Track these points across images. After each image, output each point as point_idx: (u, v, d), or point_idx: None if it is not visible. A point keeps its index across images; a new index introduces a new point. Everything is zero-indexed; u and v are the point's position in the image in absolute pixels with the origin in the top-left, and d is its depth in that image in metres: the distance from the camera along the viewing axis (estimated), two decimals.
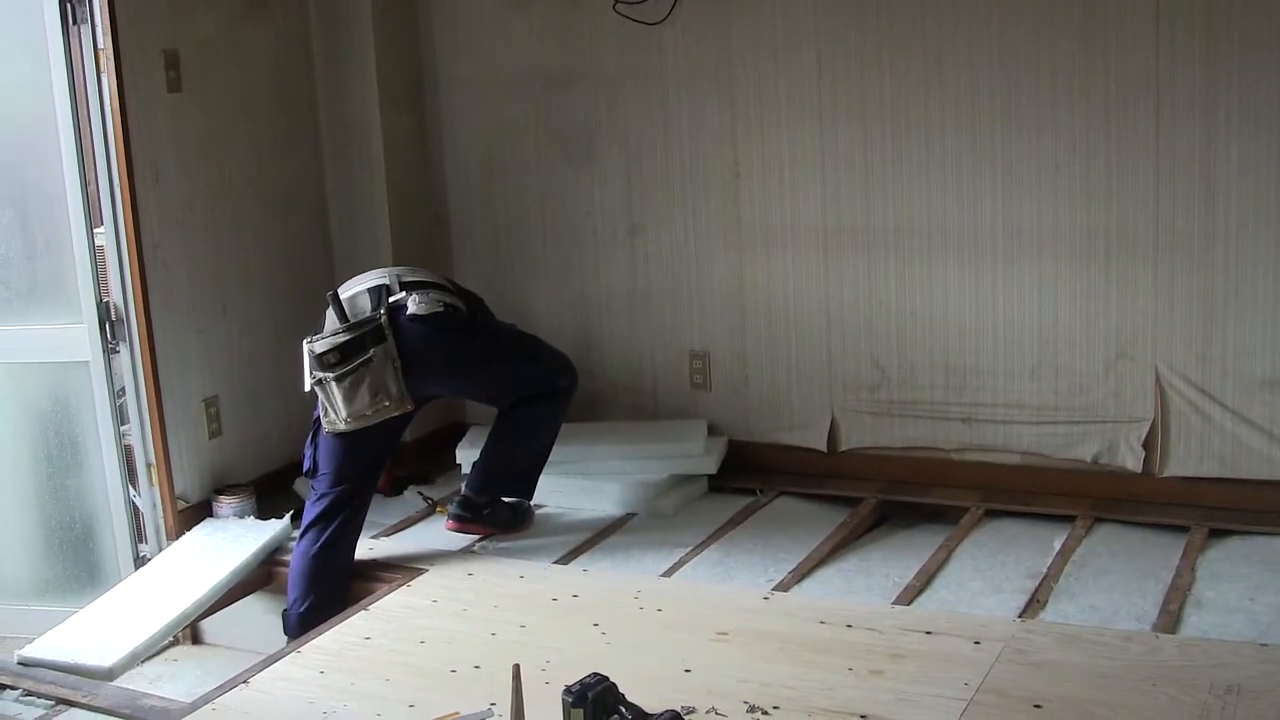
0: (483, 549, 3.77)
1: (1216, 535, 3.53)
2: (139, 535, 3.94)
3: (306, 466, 3.66)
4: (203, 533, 3.92)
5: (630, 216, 4.37)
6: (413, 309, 3.52)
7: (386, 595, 3.41)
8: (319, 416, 3.57)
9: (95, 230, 3.79)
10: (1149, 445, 3.77)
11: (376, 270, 3.72)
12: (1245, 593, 3.18)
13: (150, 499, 3.94)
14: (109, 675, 3.19)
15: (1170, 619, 3.05)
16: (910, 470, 4.08)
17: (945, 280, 3.94)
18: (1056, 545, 3.55)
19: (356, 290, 3.60)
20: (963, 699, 2.65)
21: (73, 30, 3.67)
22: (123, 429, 3.90)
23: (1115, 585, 3.28)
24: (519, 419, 3.77)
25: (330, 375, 3.44)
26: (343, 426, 3.48)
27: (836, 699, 2.69)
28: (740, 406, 4.31)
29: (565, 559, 3.67)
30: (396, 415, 3.52)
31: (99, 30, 3.67)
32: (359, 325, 3.48)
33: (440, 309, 3.56)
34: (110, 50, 3.67)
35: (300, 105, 4.42)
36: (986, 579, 3.39)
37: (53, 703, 3.09)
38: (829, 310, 4.12)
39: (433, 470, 4.44)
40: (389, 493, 4.20)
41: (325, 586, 3.52)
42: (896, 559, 3.57)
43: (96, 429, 3.87)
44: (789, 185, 4.10)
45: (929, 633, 2.99)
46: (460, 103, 4.57)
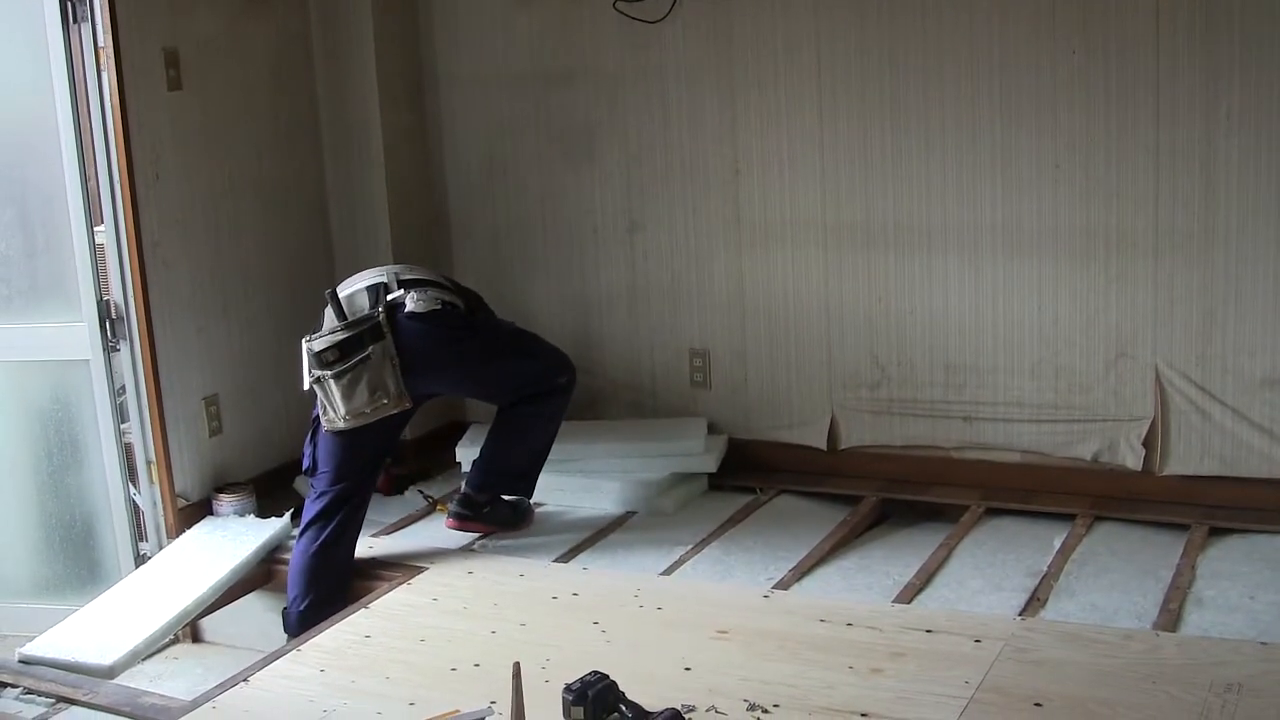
0: (483, 547, 3.77)
1: (1217, 534, 3.53)
2: (139, 533, 3.94)
3: (306, 464, 3.66)
4: (203, 531, 3.92)
5: (630, 214, 4.37)
6: (411, 307, 3.52)
7: (387, 593, 3.41)
8: (318, 415, 3.57)
9: (95, 229, 3.79)
10: (1149, 444, 3.76)
11: (375, 268, 3.71)
12: (1245, 591, 3.18)
13: (150, 497, 3.94)
14: (109, 673, 3.19)
15: (1170, 617, 3.05)
16: (910, 468, 4.08)
17: (945, 278, 3.94)
18: (1057, 544, 3.55)
19: (355, 289, 3.60)
20: (963, 697, 2.65)
21: (73, 28, 3.68)
22: (123, 427, 3.90)
23: (1115, 584, 3.28)
24: (518, 417, 3.77)
25: (329, 373, 3.44)
26: (341, 424, 3.48)
27: (837, 697, 2.69)
28: (740, 405, 4.31)
29: (565, 557, 3.67)
30: (395, 413, 3.52)
31: (99, 28, 3.67)
32: (357, 323, 3.47)
33: (438, 306, 3.56)
34: (110, 48, 3.67)
35: (301, 103, 4.42)
36: (987, 577, 3.39)
37: (53, 701, 3.09)
38: (829, 308, 4.12)
39: (433, 468, 4.44)
40: (390, 492, 4.20)
41: (325, 584, 3.52)
42: (897, 557, 3.57)
43: (97, 427, 3.87)
44: (789, 183, 4.10)
45: (929, 631, 2.99)
46: (460, 101, 4.56)
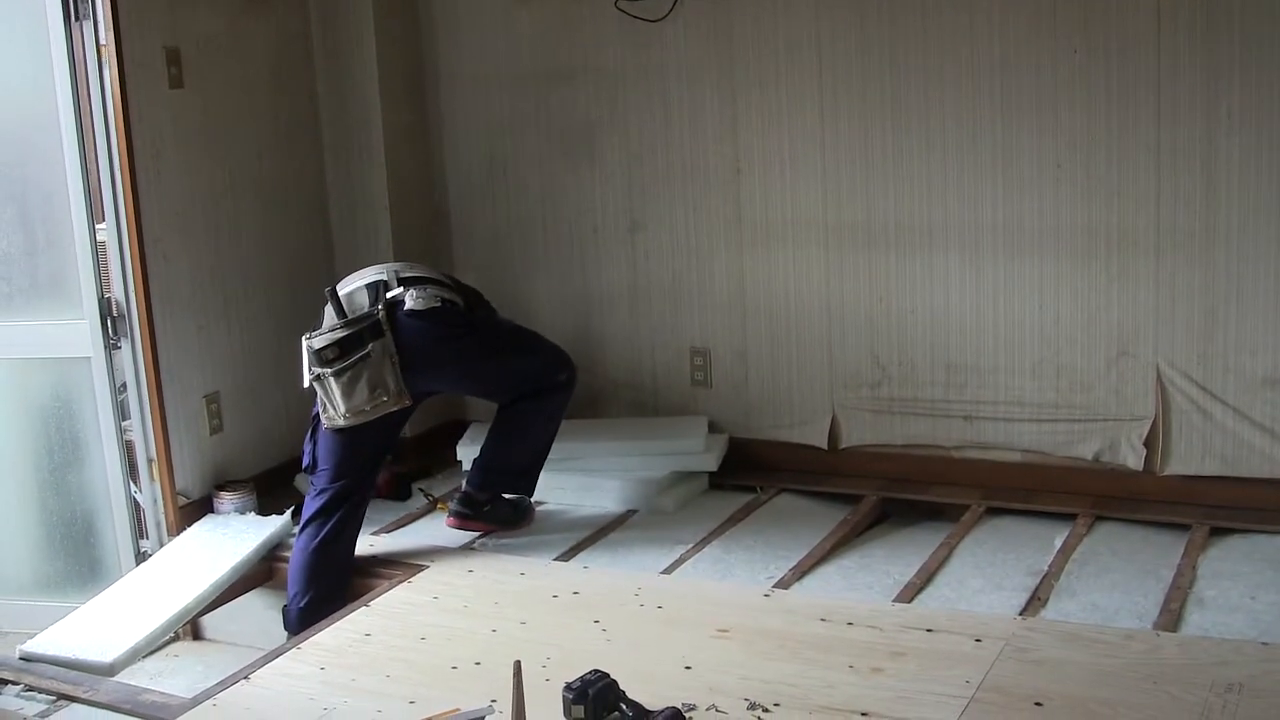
0: (483, 546, 3.77)
1: (1218, 534, 3.53)
2: (140, 531, 3.94)
3: (306, 462, 3.66)
4: (203, 529, 3.92)
5: (631, 213, 4.37)
6: (410, 304, 3.52)
7: (387, 591, 3.41)
8: (318, 412, 3.57)
9: (97, 226, 3.79)
10: (1150, 443, 3.76)
11: (375, 266, 3.71)
12: (1246, 591, 3.18)
13: (151, 495, 3.94)
14: (110, 671, 3.19)
15: (1171, 617, 3.05)
16: (911, 468, 4.08)
17: (946, 277, 3.94)
18: (1057, 543, 3.55)
19: (354, 286, 3.61)
20: (964, 697, 2.65)
21: (75, 26, 3.67)
22: (124, 425, 3.90)
23: (1116, 583, 3.28)
24: (519, 415, 3.77)
25: (328, 371, 3.44)
26: (341, 422, 3.48)
27: (837, 696, 2.69)
28: (741, 403, 4.31)
29: (566, 556, 3.67)
30: (395, 411, 3.52)
31: (101, 26, 3.67)
32: (357, 321, 3.48)
33: (438, 304, 3.56)
34: (112, 46, 3.67)
35: (301, 102, 4.42)
36: (987, 577, 3.38)
37: (54, 698, 3.09)
38: (830, 307, 4.12)
39: (434, 467, 4.44)
40: (394, 495, 4.16)
41: (325, 581, 3.52)
42: (897, 556, 3.57)
43: (98, 425, 3.87)
44: (790, 182, 4.10)
45: (930, 630, 2.99)
46: (461, 99, 4.56)
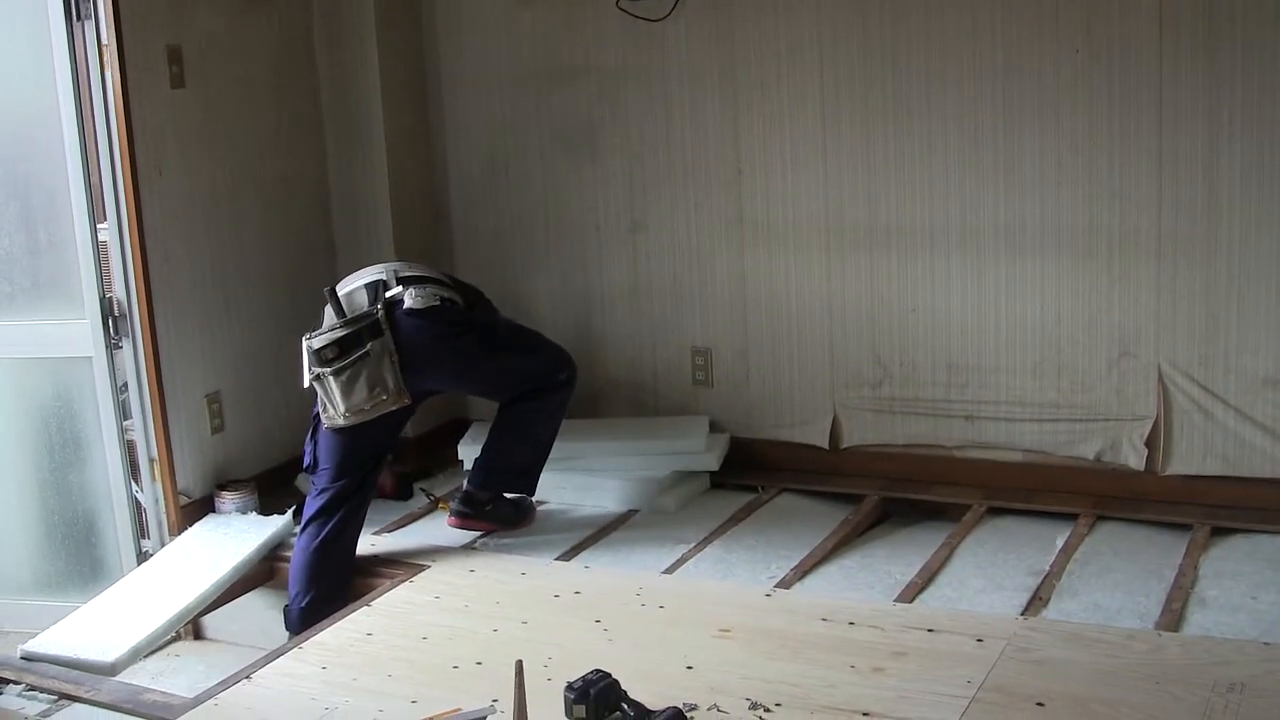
0: (484, 545, 3.77)
1: (1219, 533, 3.53)
2: (141, 531, 3.94)
3: (307, 462, 3.66)
4: (205, 528, 3.92)
5: (632, 213, 4.37)
6: (409, 303, 3.52)
7: (389, 591, 3.41)
8: (318, 412, 3.57)
9: (98, 226, 3.79)
10: (1151, 443, 3.76)
11: (374, 266, 3.72)
12: (1248, 591, 3.18)
13: (152, 494, 3.94)
14: (111, 670, 3.19)
15: (1173, 617, 3.05)
16: (912, 467, 4.08)
17: (948, 278, 3.94)
18: (1059, 543, 3.55)
19: (354, 286, 3.61)
20: (965, 697, 2.65)
21: (76, 26, 3.67)
22: (125, 424, 3.90)
23: (1118, 583, 3.28)
24: (519, 414, 3.77)
25: (328, 370, 3.44)
26: (341, 422, 3.48)
27: (838, 696, 2.69)
28: (742, 403, 4.31)
29: (567, 555, 3.67)
30: (395, 410, 3.52)
31: (103, 26, 3.67)
32: (356, 320, 3.48)
33: (436, 303, 3.56)
34: (114, 46, 3.67)
35: (303, 101, 4.42)
36: (989, 577, 3.38)
37: (55, 698, 3.09)
38: (831, 307, 4.12)
39: (435, 466, 4.44)
40: (395, 495, 4.16)
41: (326, 581, 3.52)
42: (898, 556, 3.57)
43: (99, 424, 3.87)
44: (791, 182, 4.09)
45: (931, 630, 2.99)
46: (463, 99, 4.56)
